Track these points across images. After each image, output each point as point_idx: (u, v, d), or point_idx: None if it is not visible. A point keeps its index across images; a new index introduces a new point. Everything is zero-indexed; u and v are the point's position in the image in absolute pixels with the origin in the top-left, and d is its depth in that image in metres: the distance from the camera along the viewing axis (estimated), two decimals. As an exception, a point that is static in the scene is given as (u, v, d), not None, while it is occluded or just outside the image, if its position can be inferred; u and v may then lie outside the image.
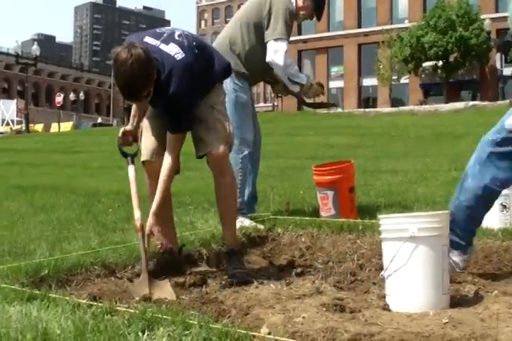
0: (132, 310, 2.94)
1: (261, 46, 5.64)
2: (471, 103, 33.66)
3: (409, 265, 3.28)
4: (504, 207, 4.86)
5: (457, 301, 3.43)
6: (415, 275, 3.28)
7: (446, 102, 41.02)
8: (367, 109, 39.21)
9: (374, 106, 52.39)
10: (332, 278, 4.07)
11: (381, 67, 51.64)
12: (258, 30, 5.64)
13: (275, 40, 5.56)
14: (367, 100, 58.20)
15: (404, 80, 52.83)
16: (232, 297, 3.66)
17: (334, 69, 60.34)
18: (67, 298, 3.24)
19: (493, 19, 48.23)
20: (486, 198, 3.87)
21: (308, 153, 15.82)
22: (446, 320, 3.05)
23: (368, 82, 57.45)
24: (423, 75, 51.81)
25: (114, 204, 7.33)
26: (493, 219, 4.89)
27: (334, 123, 25.20)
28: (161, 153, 4.23)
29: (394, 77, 51.91)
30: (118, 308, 3.04)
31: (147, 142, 4.35)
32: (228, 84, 4.98)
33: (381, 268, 3.61)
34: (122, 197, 8.02)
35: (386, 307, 3.32)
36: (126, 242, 4.79)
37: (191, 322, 2.71)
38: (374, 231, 5.21)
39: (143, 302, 3.38)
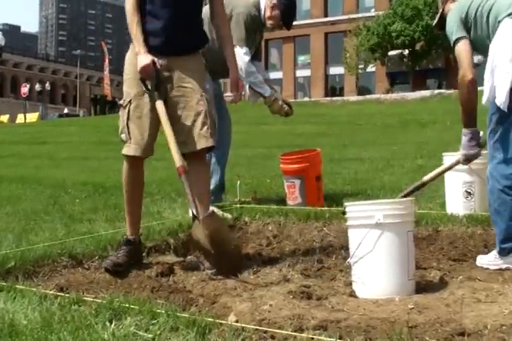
0: (99, 300, 2.93)
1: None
2: (437, 91, 33.93)
3: (375, 251, 3.31)
4: (469, 193, 4.91)
5: (423, 287, 3.47)
6: (381, 262, 3.32)
7: (413, 90, 41.29)
8: (334, 98, 39.36)
9: (341, 94, 52.52)
10: (299, 265, 4.09)
11: (348, 55, 51.76)
12: None
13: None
14: (334, 89, 58.31)
15: (370, 69, 52.98)
16: (200, 286, 3.68)
17: (301, 58, 60.34)
18: (34, 289, 3.23)
19: (458, 7, 48.53)
20: None
21: (275, 142, 15.87)
22: (412, 306, 3.09)
23: (335, 70, 57.51)
24: (389, 64, 52.00)
25: (81, 195, 7.30)
26: (458, 206, 4.95)
27: (301, 112, 25.12)
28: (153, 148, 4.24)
29: (360, 66, 52.04)
30: (85, 298, 3.04)
31: (146, 136, 4.17)
32: None
33: (348, 256, 3.64)
34: (89, 187, 7.99)
35: (352, 294, 3.35)
36: (93, 233, 4.77)
37: (158, 311, 2.71)
38: (340, 218, 5.23)
39: (110, 293, 3.36)
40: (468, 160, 4.13)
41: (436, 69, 51.64)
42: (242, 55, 5.56)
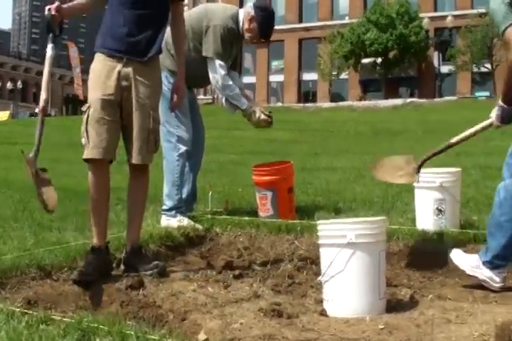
0: (68, 320, 2.89)
1: (195, 53, 5.60)
2: (409, 100, 34.27)
3: (347, 271, 3.31)
4: (440, 211, 4.92)
5: (393, 305, 3.48)
6: (352, 281, 3.32)
7: (385, 98, 41.59)
8: (307, 104, 39.52)
9: (314, 100, 52.72)
10: (270, 280, 4.07)
11: (322, 62, 52.01)
12: (196, 37, 5.60)
13: (209, 59, 5.57)
14: (307, 94, 58.49)
15: (344, 76, 53.28)
16: (170, 301, 3.64)
17: (275, 63, 60.53)
18: (1, 306, 3.17)
19: (431, 18, 49.13)
20: None
21: (247, 148, 15.87)
22: (383, 326, 3.09)
23: (309, 76, 57.75)
24: (362, 71, 52.35)
25: (50, 201, 7.17)
26: (428, 223, 4.96)
27: (274, 117, 25.16)
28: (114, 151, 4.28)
29: (334, 72, 52.29)
30: (53, 317, 2.99)
31: (105, 139, 4.20)
32: (163, 84, 4.94)
33: (319, 271, 3.66)
34: (60, 193, 7.84)
35: (323, 313, 3.34)
36: (62, 242, 4.72)
37: (128, 332, 2.68)
38: (312, 232, 5.23)
39: (79, 312, 3.31)
40: (497, 126, 4.15)
41: (409, 77, 52.10)
42: (217, 69, 5.56)
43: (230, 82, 5.66)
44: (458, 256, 3.98)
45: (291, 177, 5.89)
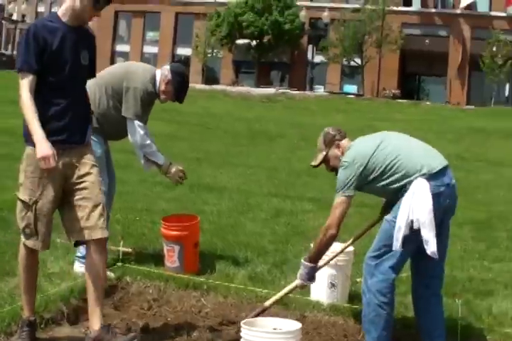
0: None
1: (115, 111, 5.95)
2: (281, 91, 35.12)
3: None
4: (333, 285, 5.57)
5: None
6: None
7: (257, 81, 42.36)
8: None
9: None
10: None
11: (197, 40, 52.09)
12: (116, 96, 5.93)
13: (129, 119, 5.90)
14: (180, 65, 58.30)
15: (218, 55, 53.62)
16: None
17: (150, 34, 59.97)
18: None
19: (307, 8, 50.23)
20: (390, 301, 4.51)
21: (128, 145, 16.00)
22: None
23: (183, 51, 57.61)
24: (237, 52, 52.85)
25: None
26: (322, 295, 5.61)
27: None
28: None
29: (209, 50, 52.51)
30: None
31: (50, 232, 4.54)
32: None
33: None
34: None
35: None
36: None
37: None
38: (217, 291, 5.78)
39: None
40: (304, 286, 4.99)
41: (281, 63, 53.11)
42: (137, 129, 5.93)
43: (148, 141, 6.02)
44: None
45: (197, 233, 6.40)
